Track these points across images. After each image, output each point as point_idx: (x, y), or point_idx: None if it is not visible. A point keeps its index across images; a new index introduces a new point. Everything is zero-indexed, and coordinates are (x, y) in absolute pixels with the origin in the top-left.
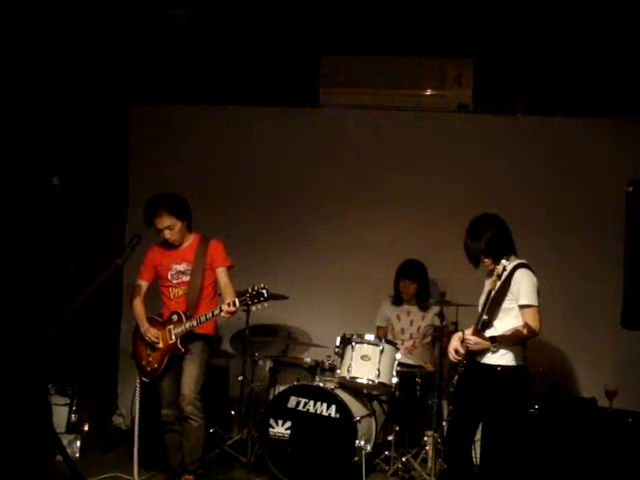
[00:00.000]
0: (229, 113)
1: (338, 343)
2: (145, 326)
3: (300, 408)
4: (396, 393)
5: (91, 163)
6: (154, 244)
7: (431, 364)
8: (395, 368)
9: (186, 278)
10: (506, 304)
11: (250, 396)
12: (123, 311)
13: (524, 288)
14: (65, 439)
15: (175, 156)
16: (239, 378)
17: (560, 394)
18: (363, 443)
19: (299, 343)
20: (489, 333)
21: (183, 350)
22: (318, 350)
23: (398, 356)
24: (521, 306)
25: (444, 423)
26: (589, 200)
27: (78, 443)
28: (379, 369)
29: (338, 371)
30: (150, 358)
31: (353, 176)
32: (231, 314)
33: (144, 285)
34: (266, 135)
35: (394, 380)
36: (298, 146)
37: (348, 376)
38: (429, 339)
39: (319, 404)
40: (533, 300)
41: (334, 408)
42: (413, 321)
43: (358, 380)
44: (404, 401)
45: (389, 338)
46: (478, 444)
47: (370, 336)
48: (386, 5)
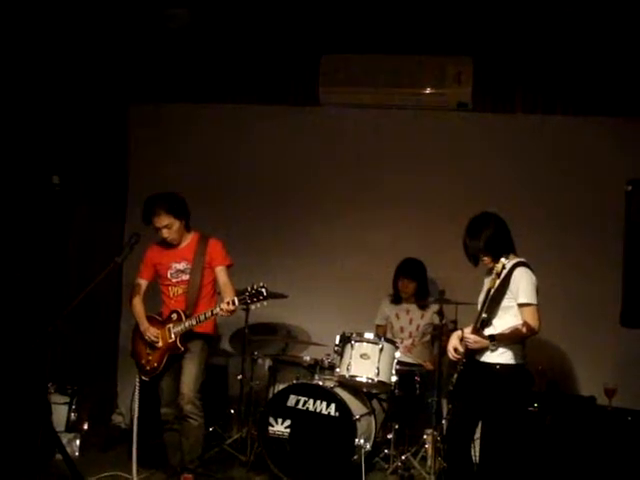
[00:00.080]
0: (229, 112)
1: (337, 342)
2: (145, 325)
3: (299, 407)
4: (395, 391)
5: (91, 162)
6: (153, 243)
7: (430, 362)
8: (394, 366)
9: (185, 277)
10: (505, 303)
11: (249, 395)
12: (122, 310)
13: (523, 287)
14: (65, 438)
15: (174, 155)
16: (238, 377)
17: (559, 392)
18: (362, 441)
19: (298, 342)
20: (488, 331)
21: (183, 349)
22: (317, 349)
23: (397, 354)
24: (520, 304)
25: (443, 421)
26: (588, 199)
27: (78, 442)
28: (378, 367)
29: (337, 370)
30: (150, 357)
31: (353, 176)
32: (230, 313)
33: (144, 284)
34: (266, 134)
35: (393, 378)
36: (298, 145)
37: (347, 374)
38: (428, 337)
39: (318, 403)
40: (532, 299)
41: (333, 407)
42: (412, 320)
43: (357, 378)
44: (403, 399)
45: (388, 337)
46: (477, 442)
47: (369, 335)
48: (386, 4)
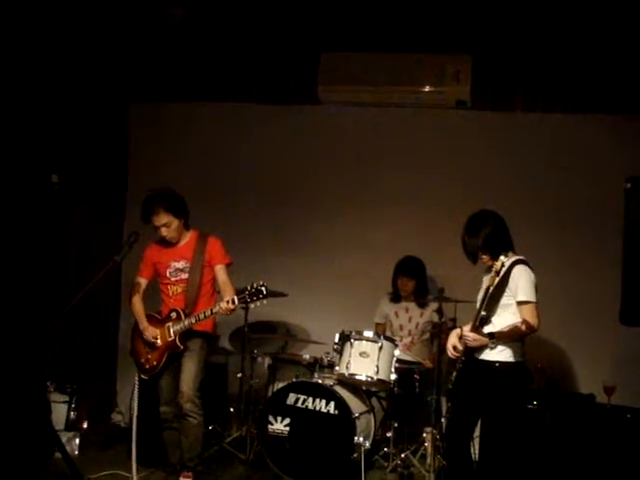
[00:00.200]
0: (228, 110)
1: (337, 340)
2: (144, 324)
3: (299, 405)
4: (395, 390)
5: (90, 161)
6: (152, 242)
7: (430, 360)
8: (394, 365)
9: (185, 275)
10: (504, 300)
11: (249, 393)
12: (122, 308)
13: (522, 284)
14: (64, 436)
15: (174, 153)
16: (238, 375)
17: (559, 390)
18: (362, 439)
19: (298, 340)
20: (487, 329)
21: (182, 348)
22: (317, 347)
23: (397, 353)
24: (519, 302)
25: (443, 419)
26: (588, 196)
27: (77, 440)
28: (378, 366)
29: (337, 368)
30: (149, 355)
31: (352, 174)
32: (230, 312)
33: (143, 283)
34: (265, 133)
35: (393, 377)
36: (297, 143)
37: (347, 373)
38: (427, 335)
39: (318, 401)
40: (531, 296)
41: (333, 405)
42: (411, 318)
43: (357, 377)
44: (403, 398)
45: (388, 335)
46: (477, 440)
47: (369, 333)
48: (384, 2)
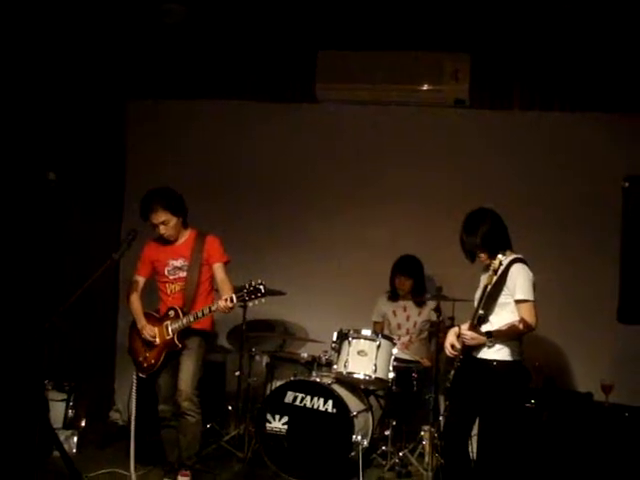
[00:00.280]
0: (226, 108)
1: (335, 338)
2: (142, 322)
3: (297, 403)
4: (393, 388)
5: (88, 158)
6: (150, 239)
7: (428, 359)
8: (392, 363)
9: (183, 274)
10: (502, 299)
11: (247, 391)
12: (120, 306)
13: (520, 283)
14: (62, 435)
15: (172, 151)
16: (236, 373)
17: (556, 389)
18: (360, 438)
19: (296, 338)
20: (485, 328)
21: (180, 346)
22: (315, 345)
23: (395, 351)
24: (517, 301)
25: (441, 418)
26: (586, 195)
27: (75, 439)
28: (376, 364)
29: (335, 366)
30: (147, 354)
31: (351, 172)
32: (229, 310)
33: (141, 281)
34: (264, 131)
35: (391, 375)
36: (296, 142)
37: (345, 371)
38: (425, 334)
39: (316, 399)
40: (529, 295)
41: (331, 403)
42: (409, 317)
43: (355, 375)
44: (401, 396)
45: (386, 333)
46: (475, 439)
47: (367, 331)
48: (383, 0)
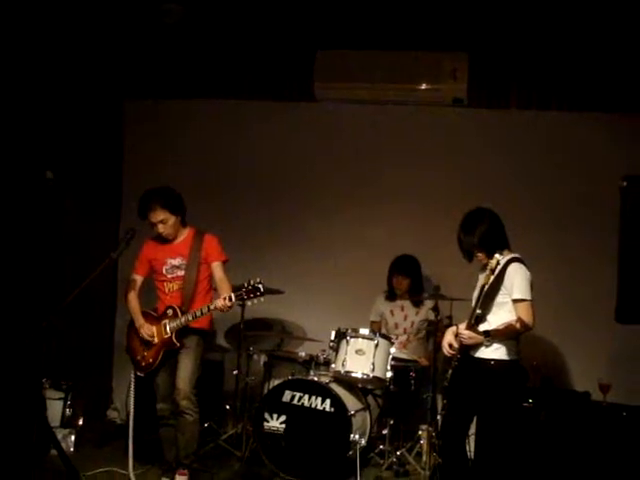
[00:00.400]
0: (224, 108)
1: (333, 337)
2: (140, 321)
3: (295, 402)
4: (390, 387)
5: (85, 157)
6: (148, 238)
7: (425, 358)
8: (390, 362)
9: (181, 272)
10: (500, 298)
11: (245, 390)
12: (118, 305)
13: (517, 282)
14: (60, 433)
15: (170, 150)
16: (234, 372)
17: (554, 388)
18: (358, 437)
19: (294, 337)
20: (483, 327)
21: (178, 345)
22: (313, 344)
23: (393, 350)
24: (514, 300)
25: (438, 417)
26: (583, 194)
27: (73, 437)
28: (374, 363)
29: (333, 365)
30: (145, 353)
31: (349, 171)
32: (227, 309)
33: (139, 279)
34: (262, 130)
35: (389, 374)
36: (294, 141)
37: (343, 370)
38: (423, 333)
39: (314, 398)
40: (526, 294)
41: (329, 402)
42: (407, 316)
43: (353, 374)
44: (398, 395)
45: (383, 333)
46: (472, 438)
47: (365, 330)
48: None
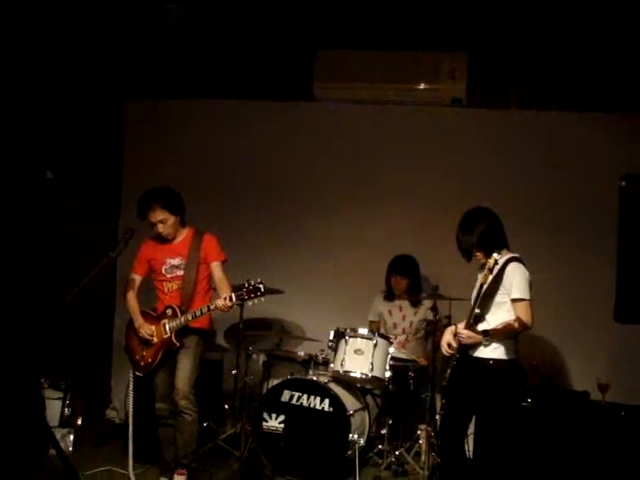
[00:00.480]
0: (224, 107)
1: (332, 337)
2: (139, 321)
3: (294, 402)
4: (389, 387)
5: (85, 157)
6: (148, 238)
7: (424, 358)
8: (388, 362)
9: (180, 272)
10: (498, 298)
11: (244, 390)
12: (117, 305)
13: (516, 282)
14: (58, 433)
15: (169, 150)
16: (233, 372)
17: (553, 388)
18: (356, 437)
19: (293, 337)
20: (481, 327)
21: (178, 344)
22: (312, 344)
23: (391, 350)
24: (513, 300)
25: (437, 417)
26: (583, 194)
27: (71, 437)
28: (372, 363)
29: (332, 365)
30: (144, 352)
31: (349, 171)
32: (228, 308)
33: (137, 279)
34: (262, 130)
35: (387, 374)
36: (294, 140)
37: (342, 370)
38: (422, 333)
39: (312, 398)
40: (525, 294)
41: (327, 402)
42: (405, 316)
43: (351, 374)
44: (397, 395)
45: (382, 332)
46: (471, 438)
47: (364, 330)
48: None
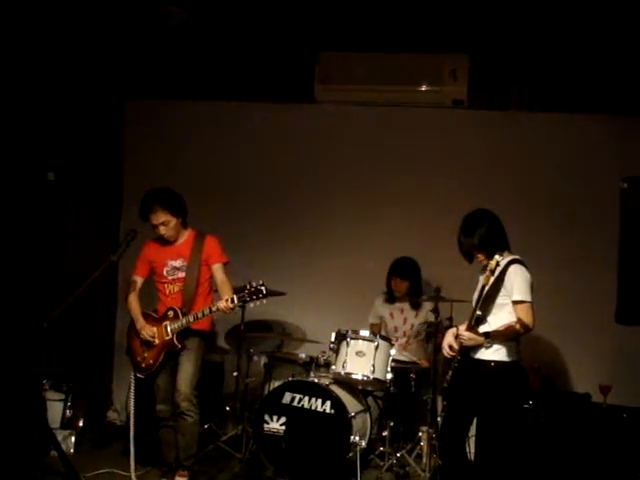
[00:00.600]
0: (225, 109)
1: (333, 339)
2: (141, 323)
3: (295, 404)
4: (391, 389)
5: (86, 158)
6: (149, 240)
7: (425, 360)
8: (390, 364)
9: (182, 274)
10: (500, 300)
11: (245, 392)
12: (118, 307)
13: (517, 284)
14: (60, 435)
15: (171, 151)
16: (234, 374)
17: (554, 390)
18: (358, 439)
19: (294, 339)
20: (483, 329)
21: (180, 346)
22: (313, 346)
23: (393, 352)
24: (514, 302)
25: (439, 419)
26: (584, 196)
27: (73, 439)
28: (374, 365)
29: (333, 367)
30: (145, 354)
31: (350, 173)
32: (229, 310)
33: (139, 281)
34: (263, 131)
35: (389, 376)
36: (295, 142)
37: (343, 372)
38: (423, 335)
39: (314, 400)
40: (526, 296)
41: (329, 404)
42: (406, 319)
43: (353, 376)
44: (399, 397)
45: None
46: (473, 440)
47: (365, 332)
48: (383, 1)
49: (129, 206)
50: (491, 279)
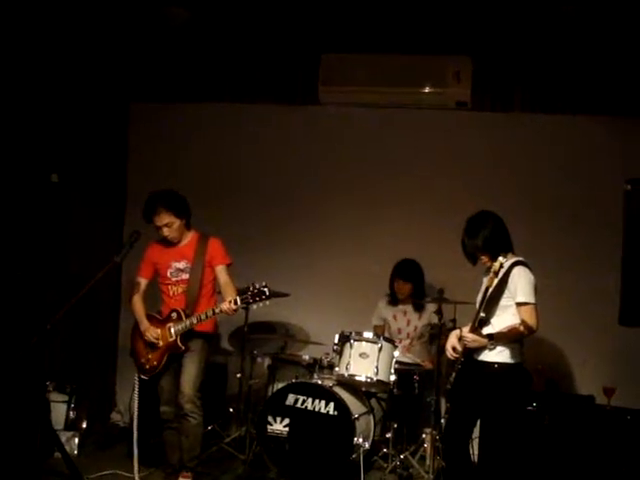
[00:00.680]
0: (229, 110)
1: (336, 341)
2: (145, 324)
3: (298, 405)
4: (394, 391)
5: (90, 160)
6: (153, 241)
7: (429, 362)
8: (393, 366)
9: (185, 276)
10: (503, 301)
11: (248, 393)
12: (122, 308)
13: (521, 285)
14: (63, 436)
15: (175, 153)
16: (237, 375)
17: (558, 392)
18: (361, 440)
19: (297, 340)
20: (486, 330)
21: (183, 348)
22: (316, 347)
23: (396, 354)
24: (518, 304)
25: (442, 420)
26: (587, 198)
27: (76, 440)
28: (377, 367)
29: (336, 369)
30: (149, 356)
31: (353, 175)
32: (233, 312)
33: (143, 282)
34: (267, 133)
35: (392, 378)
36: (298, 144)
37: (346, 373)
38: (426, 337)
39: (317, 401)
40: (530, 297)
41: (332, 405)
42: (410, 321)
43: (356, 377)
44: (402, 399)
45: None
46: (476, 441)
47: (369, 334)
48: (385, 3)
49: (133, 208)
50: (495, 281)
